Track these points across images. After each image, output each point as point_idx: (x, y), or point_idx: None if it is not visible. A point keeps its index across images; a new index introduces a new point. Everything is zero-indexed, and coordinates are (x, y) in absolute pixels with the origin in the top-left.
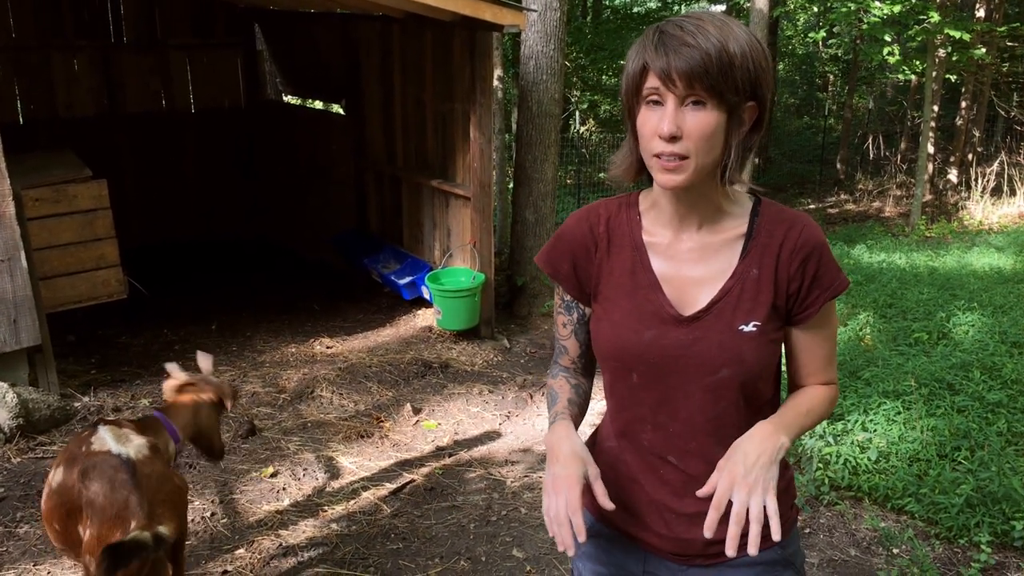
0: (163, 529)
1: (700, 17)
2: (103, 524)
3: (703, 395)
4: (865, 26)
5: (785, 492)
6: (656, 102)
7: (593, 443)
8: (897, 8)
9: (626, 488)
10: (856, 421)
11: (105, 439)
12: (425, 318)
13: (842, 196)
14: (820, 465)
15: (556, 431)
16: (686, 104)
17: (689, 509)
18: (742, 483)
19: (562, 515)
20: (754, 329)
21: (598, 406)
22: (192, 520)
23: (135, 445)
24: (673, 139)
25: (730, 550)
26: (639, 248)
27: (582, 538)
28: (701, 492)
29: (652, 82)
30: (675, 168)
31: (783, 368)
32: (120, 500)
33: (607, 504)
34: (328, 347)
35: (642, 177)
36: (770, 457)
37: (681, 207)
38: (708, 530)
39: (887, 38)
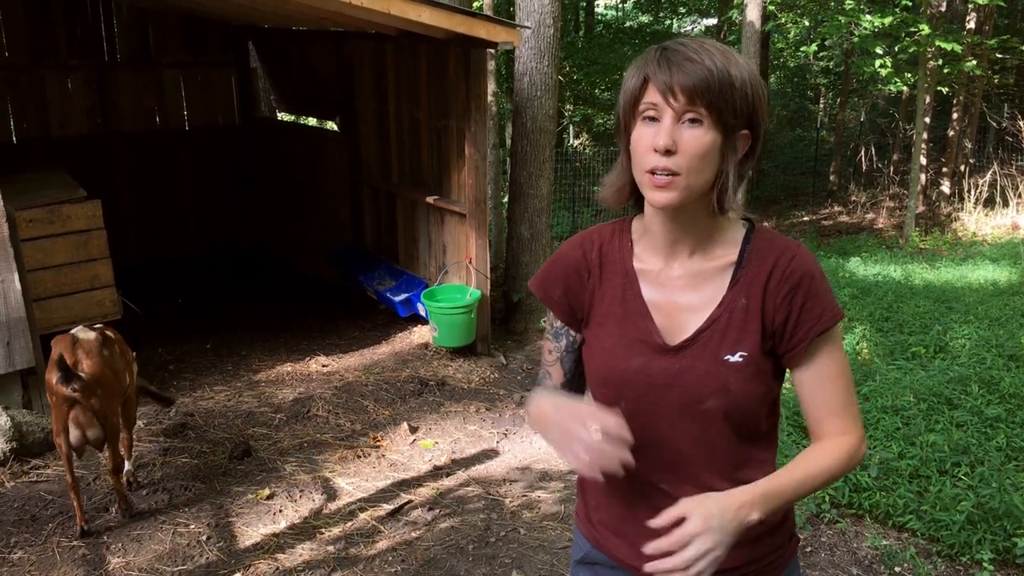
0: (82, 372)
1: (703, 42)
2: (48, 368)
3: (690, 424)
4: (856, 39)
5: (782, 525)
6: (652, 118)
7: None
8: (887, 20)
9: (621, 516)
10: None
11: (73, 330)
12: (421, 335)
13: (835, 208)
14: None
15: (537, 399)
16: (683, 121)
17: None
18: (709, 537)
19: (590, 441)
20: (740, 359)
21: None
22: (187, 544)
23: (87, 332)
24: (668, 153)
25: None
26: (630, 275)
27: (627, 439)
28: (656, 522)
29: (651, 96)
30: (667, 184)
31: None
32: (57, 355)
33: (627, 435)
34: (324, 365)
35: (631, 202)
36: (735, 530)
37: (673, 231)
38: (650, 551)
39: (878, 51)
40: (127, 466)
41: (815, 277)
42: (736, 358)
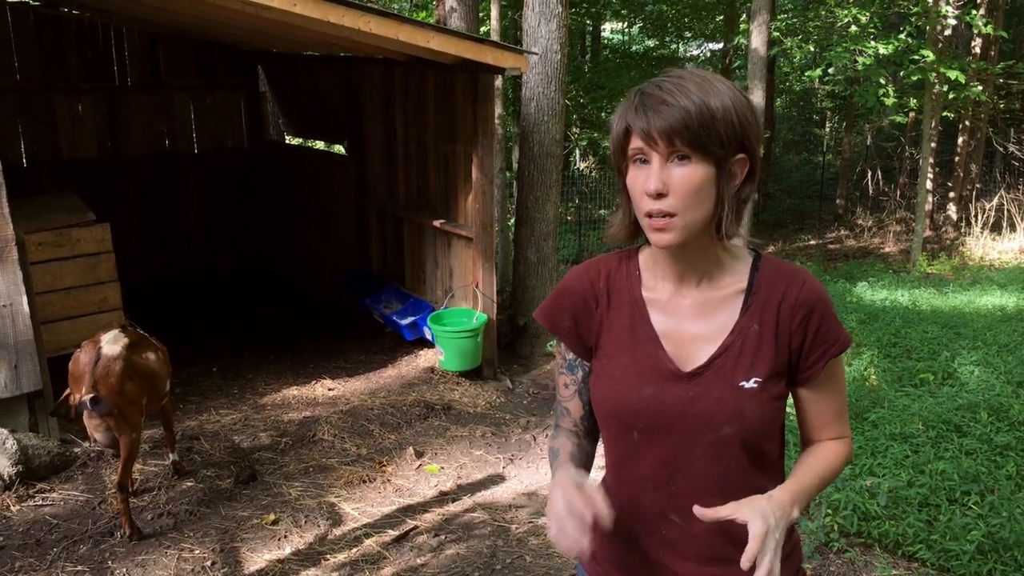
0: (94, 394)
1: (681, 76)
2: (71, 382)
3: (705, 452)
4: (860, 67)
5: (789, 558)
6: (643, 161)
7: None
8: (890, 48)
9: (626, 552)
10: (864, 465)
11: (105, 336)
12: (427, 358)
13: (842, 232)
14: (829, 511)
15: (558, 474)
16: (671, 160)
17: (692, 571)
18: (771, 537)
19: (563, 515)
20: (755, 385)
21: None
22: (191, 570)
23: (115, 346)
24: (660, 196)
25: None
26: (638, 303)
27: (606, 519)
28: (707, 515)
29: (636, 143)
30: (664, 227)
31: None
32: (82, 371)
33: (605, 518)
34: (330, 389)
35: (639, 237)
36: (785, 528)
37: (679, 265)
38: (747, 561)
39: (881, 80)
40: (172, 456)
41: (826, 302)
42: (751, 384)
